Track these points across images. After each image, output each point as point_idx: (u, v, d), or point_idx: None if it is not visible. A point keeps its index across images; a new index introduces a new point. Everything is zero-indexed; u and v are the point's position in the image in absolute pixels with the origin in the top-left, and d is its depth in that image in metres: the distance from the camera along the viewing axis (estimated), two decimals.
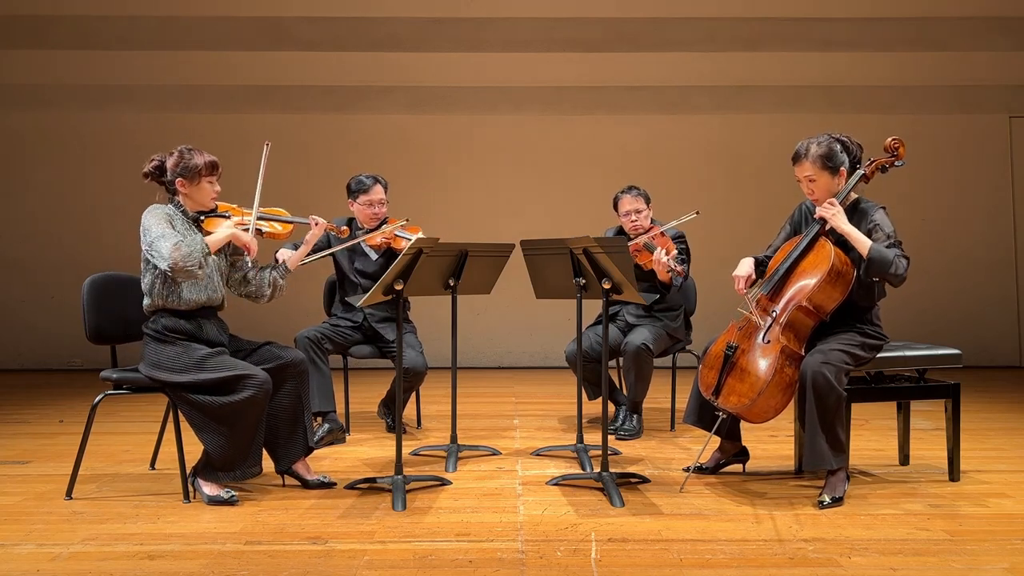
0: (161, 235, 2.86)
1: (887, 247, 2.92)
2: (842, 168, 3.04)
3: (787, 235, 3.29)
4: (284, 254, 3.55)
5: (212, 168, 3.02)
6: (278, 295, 3.21)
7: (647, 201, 4.17)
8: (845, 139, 3.08)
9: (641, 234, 4.10)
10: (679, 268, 3.81)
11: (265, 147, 3.17)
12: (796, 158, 3.07)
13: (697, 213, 4.03)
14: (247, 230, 3.05)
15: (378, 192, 4.08)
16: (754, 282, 3.20)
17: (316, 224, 3.24)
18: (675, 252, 3.87)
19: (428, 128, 7.34)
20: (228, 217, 3.08)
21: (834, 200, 3.00)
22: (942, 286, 7.15)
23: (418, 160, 7.27)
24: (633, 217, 4.12)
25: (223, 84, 7.23)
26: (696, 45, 7.14)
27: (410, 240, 3.90)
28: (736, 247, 3.71)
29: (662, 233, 4.07)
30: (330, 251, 3.84)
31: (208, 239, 2.92)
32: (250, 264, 3.18)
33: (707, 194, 7.24)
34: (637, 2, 7.02)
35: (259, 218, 3.13)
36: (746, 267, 3.18)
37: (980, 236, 7.29)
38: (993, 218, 7.32)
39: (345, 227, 3.55)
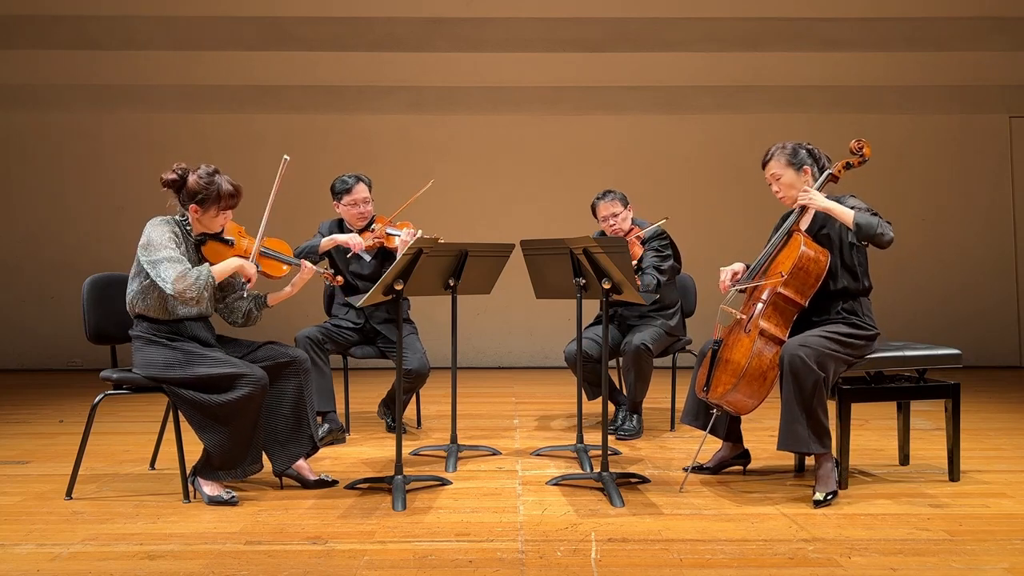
0: (168, 259, 2.84)
1: (870, 214, 2.98)
2: (805, 166, 3.16)
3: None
4: (344, 237, 3.89)
5: (230, 199, 2.97)
6: (249, 324, 3.19)
7: (624, 203, 4.14)
8: (811, 147, 3.21)
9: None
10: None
11: (283, 162, 3.14)
12: (763, 163, 3.25)
13: (666, 219, 4.12)
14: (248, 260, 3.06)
15: (361, 191, 4.05)
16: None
17: (305, 268, 3.21)
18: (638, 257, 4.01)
19: (428, 128, 7.35)
20: (231, 244, 3.06)
21: (807, 186, 3.09)
22: (942, 286, 7.16)
23: (418, 160, 7.27)
24: (611, 221, 4.11)
25: (223, 84, 7.23)
26: (696, 45, 7.14)
27: (400, 236, 3.93)
28: (735, 247, 3.72)
29: (638, 237, 4.07)
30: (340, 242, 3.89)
31: (215, 269, 2.90)
32: (243, 293, 3.15)
33: (706, 194, 7.25)
34: (637, 2, 7.02)
35: (261, 253, 3.12)
36: (737, 266, 3.27)
37: (980, 236, 7.29)
38: (993, 218, 7.33)
39: (340, 277, 3.51)
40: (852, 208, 2.99)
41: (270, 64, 7.17)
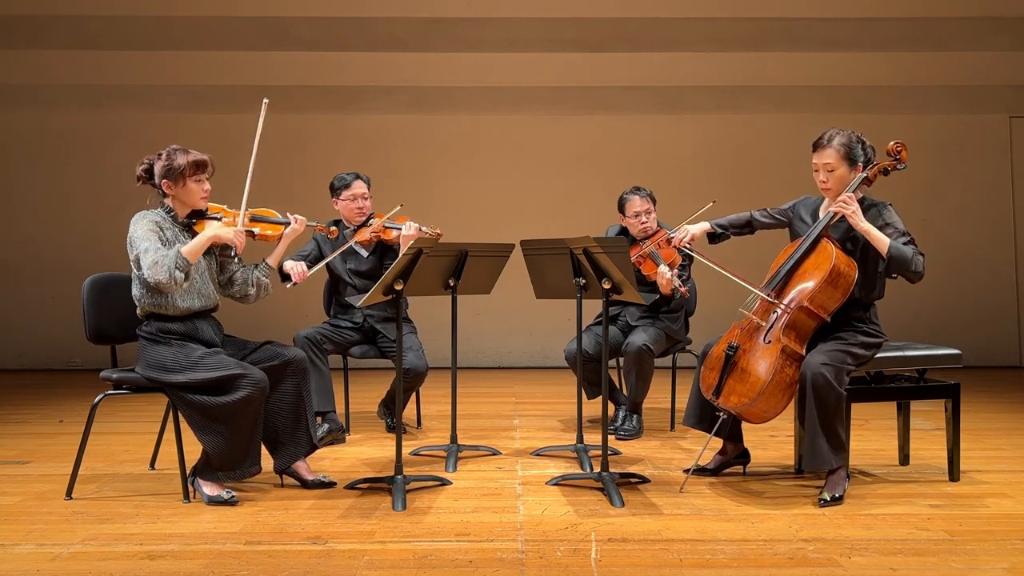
0: (144, 250, 2.85)
1: (904, 244, 2.93)
2: (858, 164, 3.05)
3: (781, 214, 3.34)
4: (289, 262, 3.69)
5: (197, 167, 2.97)
6: (263, 295, 3.20)
7: (654, 202, 4.16)
8: (864, 139, 3.09)
9: (647, 237, 4.09)
10: (683, 288, 3.76)
11: (263, 104, 3.10)
12: (818, 145, 3.07)
13: (714, 202, 4.00)
14: (238, 232, 3.04)
15: (360, 187, 4.06)
16: (714, 239, 3.44)
17: (296, 221, 3.22)
18: (677, 269, 3.91)
19: (428, 128, 7.34)
20: (219, 219, 3.05)
21: (852, 196, 2.98)
22: (942, 286, 7.15)
23: (418, 160, 7.27)
24: (644, 219, 4.09)
25: (223, 84, 7.23)
26: (696, 45, 7.13)
27: (399, 229, 3.93)
28: (736, 247, 3.71)
29: (668, 240, 4.04)
30: (325, 261, 3.86)
31: (184, 249, 2.86)
32: (237, 260, 3.16)
33: (707, 194, 7.18)
34: (637, 2, 7.01)
35: (252, 219, 3.12)
36: (699, 227, 3.39)
37: (980, 236, 7.29)
38: (993, 218, 7.32)
39: (333, 228, 3.54)
40: (889, 226, 2.95)
41: (270, 64, 7.16)
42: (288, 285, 3.61)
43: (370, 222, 4.03)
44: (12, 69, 7.13)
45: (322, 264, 3.86)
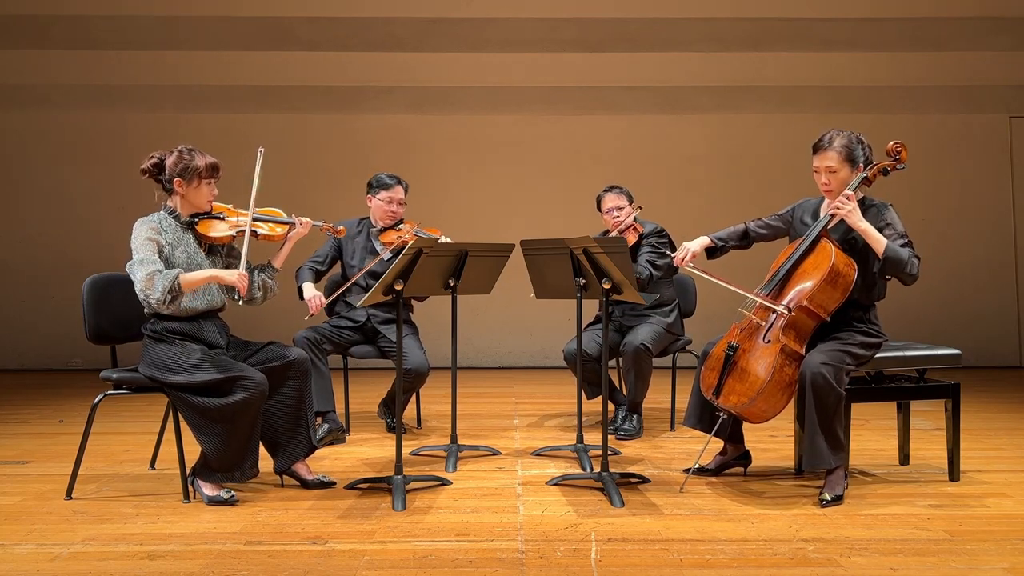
0: (141, 260, 2.86)
1: (901, 247, 2.93)
2: (859, 165, 3.05)
3: (779, 220, 3.32)
4: (309, 290, 3.94)
5: (211, 171, 3.01)
6: (270, 296, 3.19)
7: (630, 199, 4.24)
8: (863, 139, 3.09)
9: (622, 232, 4.14)
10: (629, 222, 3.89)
11: (259, 153, 3.14)
12: (819, 147, 3.06)
13: (640, 208, 4.20)
14: (242, 231, 3.05)
15: (399, 192, 4.12)
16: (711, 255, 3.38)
17: (301, 224, 3.20)
18: (651, 246, 4.08)
19: (429, 128, 7.35)
20: (223, 219, 3.07)
21: (850, 194, 2.98)
22: (942, 286, 7.15)
23: (418, 160, 7.27)
24: (615, 213, 4.19)
25: (223, 84, 7.23)
26: (696, 45, 7.14)
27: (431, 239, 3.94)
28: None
29: (636, 230, 4.12)
30: (351, 282, 3.90)
31: (184, 277, 2.87)
32: (247, 265, 3.16)
33: (707, 194, 7.24)
34: (637, 2, 7.02)
35: (254, 219, 3.11)
36: (698, 243, 3.32)
37: (980, 236, 7.29)
38: (993, 218, 7.32)
39: (341, 227, 3.54)
40: (889, 226, 2.94)
41: (270, 64, 7.17)
42: (306, 317, 3.77)
43: (399, 226, 4.06)
44: (13, 69, 7.13)
45: (349, 283, 3.91)
